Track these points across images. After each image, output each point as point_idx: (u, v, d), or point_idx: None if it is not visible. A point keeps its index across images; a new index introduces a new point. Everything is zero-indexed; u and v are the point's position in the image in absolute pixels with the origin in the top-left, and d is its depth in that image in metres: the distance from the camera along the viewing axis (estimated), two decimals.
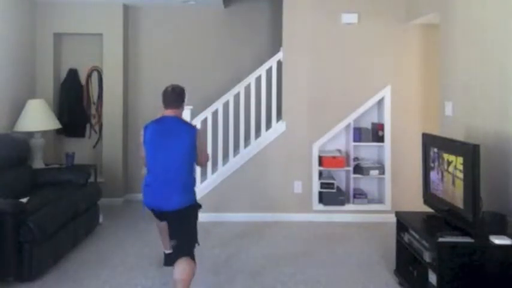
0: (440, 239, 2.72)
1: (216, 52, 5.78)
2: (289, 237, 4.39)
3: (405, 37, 4.93)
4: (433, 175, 3.26)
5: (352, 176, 4.96)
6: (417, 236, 3.09)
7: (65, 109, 5.53)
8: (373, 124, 5.10)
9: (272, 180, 4.91)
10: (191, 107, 4.61)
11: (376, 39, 4.92)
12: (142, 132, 3.02)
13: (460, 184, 2.85)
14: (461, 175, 2.83)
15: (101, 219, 4.59)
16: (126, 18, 5.64)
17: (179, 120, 3.04)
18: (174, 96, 3.04)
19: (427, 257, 2.89)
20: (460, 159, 2.84)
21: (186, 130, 2.99)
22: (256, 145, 4.92)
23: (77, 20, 5.45)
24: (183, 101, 3.09)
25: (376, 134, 4.99)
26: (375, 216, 4.86)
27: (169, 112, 3.03)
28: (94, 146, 5.69)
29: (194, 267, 2.89)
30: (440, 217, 3.13)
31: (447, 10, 3.91)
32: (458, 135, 3.53)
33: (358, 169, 4.97)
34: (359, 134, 4.98)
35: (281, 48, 5.02)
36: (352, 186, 4.96)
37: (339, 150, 5.07)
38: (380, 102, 5.01)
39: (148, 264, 3.69)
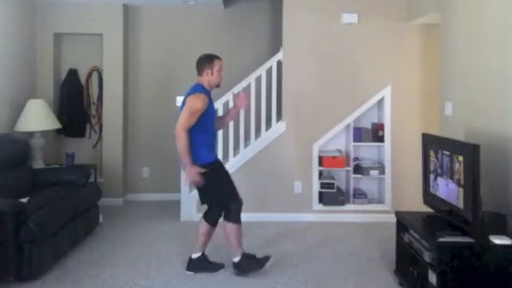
0: (440, 239, 2.71)
1: (216, 52, 5.61)
2: (289, 237, 4.40)
3: (405, 37, 4.93)
4: (433, 175, 3.25)
5: (352, 176, 4.95)
6: (417, 236, 3.09)
7: (65, 109, 5.52)
8: (373, 124, 5.09)
9: (272, 180, 4.91)
10: None
11: (376, 39, 4.92)
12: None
13: (460, 184, 2.85)
14: (461, 175, 2.83)
15: (101, 219, 4.58)
16: (126, 18, 5.64)
17: (193, 86, 3.41)
18: (196, 65, 3.47)
19: (427, 257, 2.88)
20: (460, 159, 2.84)
21: (187, 94, 3.37)
22: (256, 145, 4.92)
23: (77, 20, 5.45)
24: (202, 69, 3.44)
25: (376, 134, 4.99)
26: (375, 216, 4.86)
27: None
28: (94, 146, 5.68)
29: (204, 226, 3.47)
30: (440, 217, 3.13)
31: (447, 10, 3.91)
32: (458, 135, 3.52)
33: (358, 169, 4.97)
34: (359, 134, 4.98)
35: (281, 48, 5.02)
36: (352, 186, 4.96)
37: (339, 150, 5.07)
38: (380, 102, 5.01)
39: (148, 264, 3.69)
